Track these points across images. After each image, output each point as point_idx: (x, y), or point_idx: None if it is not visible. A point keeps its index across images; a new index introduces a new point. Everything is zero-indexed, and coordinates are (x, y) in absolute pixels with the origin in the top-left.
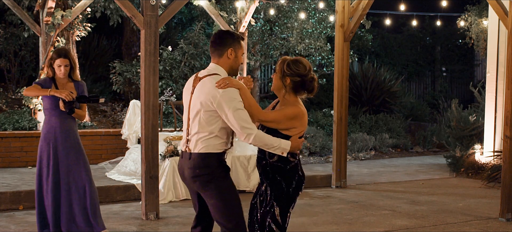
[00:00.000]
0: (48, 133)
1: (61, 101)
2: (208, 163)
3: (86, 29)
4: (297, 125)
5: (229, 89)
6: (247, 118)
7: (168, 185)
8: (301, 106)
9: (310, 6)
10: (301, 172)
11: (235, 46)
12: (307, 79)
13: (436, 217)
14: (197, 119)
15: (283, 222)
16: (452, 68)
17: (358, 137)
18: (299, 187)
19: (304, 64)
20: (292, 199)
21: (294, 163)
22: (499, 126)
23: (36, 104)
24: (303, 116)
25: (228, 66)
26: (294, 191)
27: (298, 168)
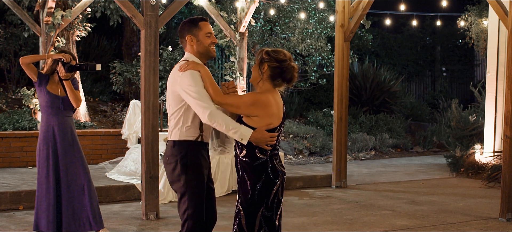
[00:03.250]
0: (46, 132)
1: (60, 64)
2: (173, 152)
3: (86, 29)
4: (259, 114)
5: (188, 71)
6: (205, 97)
7: (168, 185)
8: (268, 95)
9: (310, 6)
10: (273, 172)
11: (192, 31)
12: (285, 66)
13: (436, 217)
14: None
15: (250, 230)
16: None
17: (358, 137)
18: (268, 190)
19: (284, 52)
20: (258, 203)
21: (262, 160)
22: (499, 126)
23: (36, 104)
24: (267, 105)
25: (195, 52)
26: (261, 193)
27: (267, 166)
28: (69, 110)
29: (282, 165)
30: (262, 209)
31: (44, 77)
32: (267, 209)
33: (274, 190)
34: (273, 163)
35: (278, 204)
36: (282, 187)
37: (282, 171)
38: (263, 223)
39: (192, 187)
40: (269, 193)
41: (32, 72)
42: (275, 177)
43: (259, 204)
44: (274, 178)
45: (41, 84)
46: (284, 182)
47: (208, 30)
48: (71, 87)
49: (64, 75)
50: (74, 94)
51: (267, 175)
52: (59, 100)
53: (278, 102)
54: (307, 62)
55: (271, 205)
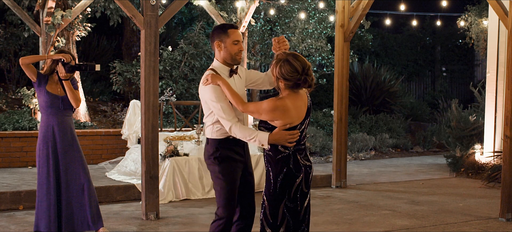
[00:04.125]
0: (46, 132)
1: (60, 64)
2: (208, 149)
3: (86, 29)
4: (280, 118)
5: (209, 86)
6: (227, 110)
7: (168, 185)
8: (286, 100)
9: (310, 6)
10: (295, 166)
11: (220, 36)
12: (299, 80)
13: (436, 217)
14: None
15: (274, 220)
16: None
17: (358, 137)
18: (289, 182)
19: (296, 66)
20: (280, 195)
21: (284, 154)
22: (499, 126)
23: (36, 104)
24: (284, 110)
25: (221, 58)
26: (282, 185)
27: (289, 160)
28: (69, 110)
29: (308, 159)
30: (284, 201)
31: (43, 77)
32: (290, 201)
33: (297, 183)
34: (296, 158)
35: (302, 196)
36: (307, 180)
37: (306, 165)
38: (286, 213)
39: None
40: (291, 185)
41: (32, 72)
42: (297, 170)
43: (281, 196)
44: (296, 171)
45: (40, 84)
46: (309, 175)
47: (236, 37)
48: (71, 87)
49: (64, 75)
50: (74, 94)
51: (288, 169)
52: (59, 100)
53: (298, 104)
54: None
55: (294, 197)
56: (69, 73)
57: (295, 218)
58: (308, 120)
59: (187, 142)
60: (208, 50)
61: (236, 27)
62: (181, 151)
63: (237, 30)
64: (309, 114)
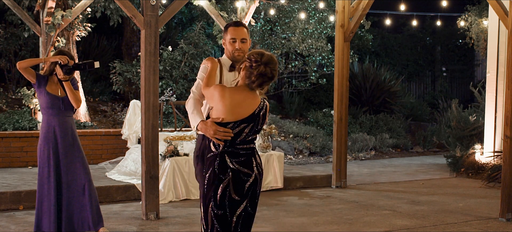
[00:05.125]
0: (47, 133)
1: (58, 66)
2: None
3: (86, 29)
4: (214, 106)
5: (202, 64)
6: (197, 86)
7: (168, 185)
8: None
9: (310, 6)
10: (220, 168)
11: (223, 35)
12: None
13: (436, 217)
14: None
15: (206, 226)
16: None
17: (358, 137)
18: (211, 184)
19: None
20: (206, 197)
21: (212, 154)
22: (499, 126)
23: (36, 104)
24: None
25: (225, 53)
26: (208, 187)
27: (214, 162)
28: (70, 110)
29: (247, 165)
30: (211, 205)
31: (42, 78)
32: (216, 207)
33: (221, 187)
34: (223, 159)
35: (232, 204)
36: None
37: (239, 170)
38: (214, 221)
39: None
40: (216, 189)
41: (30, 75)
42: (221, 173)
43: (208, 199)
44: (220, 173)
45: (40, 85)
46: (243, 183)
47: (233, 35)
48: (71, 88)
49: (62, 77)
50: (74, 94)
51: (212, 170)
52: (59, 101)
53: (238, 100)
54: (307, 62)
55: (221, 203)
56: (67, 75)
57: (225, 228)
58: (250, 125)
59: (187, 142)
60: (208, 50)
61: (237, 25)
62: (181, 151)
63: (236, 28)
64: (253, 120)
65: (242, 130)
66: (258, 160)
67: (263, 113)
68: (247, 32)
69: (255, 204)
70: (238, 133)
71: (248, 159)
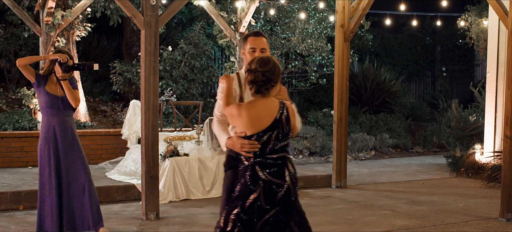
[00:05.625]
0: (47, 133)
1: (57, 64)
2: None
3: (86, 29)
4: (235, 124)
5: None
6: (218, 107)
7: (168, 185)
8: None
9: (310, 6)
10: (251, 179)
11: (243, 45)
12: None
13: (436, 217)
14: None
15: (224, 225)
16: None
17: (358, 137)
18: (241, 194)
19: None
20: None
21: (242, 166)
22: (499, 126)
23: (36, 104)
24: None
25: (244, 64)
26: (237, 196)
27: (245, 174)
28: (69, 110)
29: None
30: (238, 210)
31: (42, 78)
32: (244, 212)
33: (251, 198)
34: (254, 170)
35: (261, 211)
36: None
37: (271, 181)
38: (238, 223)
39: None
40: (245, 199)
41: (30, 73)
42: (252, 184)
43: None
44: (251, 185)
45: (39, 85)
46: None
47: (252, 45)
48: (69, 87)
49: (61, 75)
50: (73, 94)
51: (245, 181)
52: (59, 100)
53: (255, 113)
54: (307, 62)
55: (249, 209)
56: (66, 73)
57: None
58: (275, 132)
59: (187, 142)
60: (208, 50)
61: (257, 35)
62: (181, 151)
63: (255, 38)
64: (277, 126)
65: (268, 139)
66: (291, 169)
67: (286, 116)
68: (267, 42)
69: (289, 211)
70: (265, 143)
71: (280, 169)
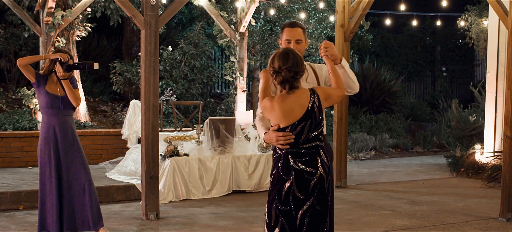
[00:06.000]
0: (47, 133)
1: (58, 63)
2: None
3: (86, 29)
4: (269, 117)
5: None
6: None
7: (168, 185)
8: (274, 100)
9: (310, 6)
10: (283, 168)
11: (280, 35)
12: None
13: (436, 217)
14: None
15: (269, 220)
16: (452, 68)
17: (358, 137)
18: (278, 184)
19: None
20: (271, 194)
21: (277, 155)
22: (499, 126)
23: (36, 104)
24: (269, 109)
25: None
26: (273, 185)
27: (278, 163)
28: (70, 110)
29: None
30: (275, 202)
31: (42, 78)
32: (281, 203)
33: (286, 186)
34: (287, 160)
35: (297, 201)
36: (302, 186)
37: (303, 170)
38: (279, 216)
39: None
40: (280, 188)
41: (30, 73)
42: (285, 173)
43: (272, 196)
44: (284, 174)
45: (39, 85)
46: (308, 182)
47: (287, 36)
48: (70, 86)
49: (62, 74)
50: (73, 93)
51: (277, 170)
52: (59, 100)
53: (287, 105)
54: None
55: (285, 200)
56: (67, 72)
57: (290, 223)
58: (309, 122)
59: (187, 142)
60: (208, 50)
61: (292, 26)
62: (181, 151)
63: (291, 29)
64: (309, 116)
65: (302, 130)
66: (323, 157)
67: (317, 105)
68: (303, 32)
69: (324, 201)
70: (299, 133)
71: (313, 157)
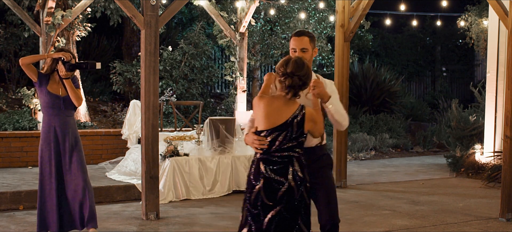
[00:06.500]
0: (48, 133)
1: (60, 62)
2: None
3: (86, 29)
4: (255, 117)
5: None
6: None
7: (168, 185)
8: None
9: (310, 6)
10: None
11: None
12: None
13: (436, 217)
14: None
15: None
16: (452, 68)
17: (358, 137)
18: (249, 186)
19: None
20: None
21: (253, 159)
22: (499, 126)
23: (36, 104)
24: (255, 107)
25: None
26: (246, 186)
27: (252, 167)
28: (71, 110)
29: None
30: (247, 202)
31: (44, 77)
32: (251, 205)
33: (255, 191)
34: (258, 165)
35: (265, 207)
36: (270, 194)
37: (271, 178)
38: (248, 217)
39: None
40: (251, 191)
41: (32, 72)
42: (254, 179)
43: (245, 196)
44: (253, 179)
45: (41, 84)
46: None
47: (293, 45)
48: (72, 86)
49: (64, 74)
50: (75, 92)
51: (249, 173)
52: (60, 100)
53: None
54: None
55: (254, 203)
56: (69, 72)
57: (258, 226)
58: (283, 133)
59: (187, 142)
60: (208, 50)
61: (299, 35)
62: (181, 151)
63: (296, 38)
64: (286, 128)
65: (275, 138)
66: (297, 168)
67: (298, 121)
68: (310, 41)
69: (294, 209)
70: (273, 140)
71: (285, 167)
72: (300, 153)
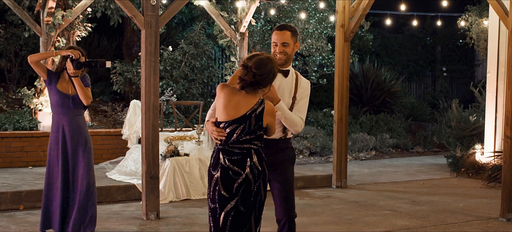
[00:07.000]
0: (57, 132)
1: (69, 60)
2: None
3: (86, 29)
4: (216, 105)
5: None
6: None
7: (168, 185)
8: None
9: (311, 6)
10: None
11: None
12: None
13: (437, 217)
14: None
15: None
16: (453, 68)
17: (358, 137)
18: (208, 179)
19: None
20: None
21: (214, 149)
22: (500, 126)
23: (37, 104)
24: (218, 96)
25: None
26: (208, 178)
27: (212, 158)
28: (80, 109)
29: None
30: (208, 198)
31: (54, 75)
32: (210, 200)
33: (213, 181)
34: (218, 155)
35: (221, 200)
36: (227, 184)
37: (230, 168)
38: (209, 213)
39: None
40: (210, 182)
41: (41, 70)
42: (213, 168)
43: (207, 192)
44: (212, 169)
45: (51, 82)
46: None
47: (274, 39)
48: (81, 84)
49: (73, 72)
50: (84, 91)
51: (210, 163)
52: (69, 99)
53: (233, 102)
54: (308, 62)
55: (212, 197)
56: (77, 70)
57: (215, 223)
58: (241, 126)
59: (188, 142)
60: (208, 50)
61: (280, 29)
62: (181, 151)
63: (278, 32)
64: (244, 121)
65: (233, 131)
66: (255, 161)
67: (256, 115)
68: (291, 35)
69: (249, 204)
70: (230, 133)
71: (243, 158)
72: (259, 146)
